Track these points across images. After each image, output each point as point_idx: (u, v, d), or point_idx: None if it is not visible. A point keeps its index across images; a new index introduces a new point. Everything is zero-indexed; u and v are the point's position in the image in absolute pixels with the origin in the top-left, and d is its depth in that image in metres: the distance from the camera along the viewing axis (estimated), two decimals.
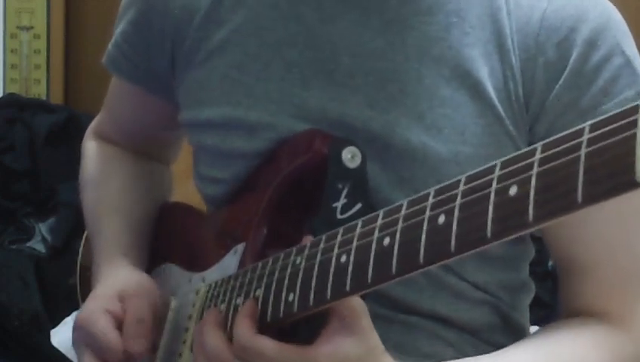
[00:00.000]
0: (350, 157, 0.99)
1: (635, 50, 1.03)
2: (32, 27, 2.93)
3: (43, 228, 2.63)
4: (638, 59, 1.02)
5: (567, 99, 1.00)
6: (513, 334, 1.10)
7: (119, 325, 1.07)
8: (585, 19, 1.01)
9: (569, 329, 1.03)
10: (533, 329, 1.16)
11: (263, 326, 0.91)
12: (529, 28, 1.01)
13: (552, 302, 2.26)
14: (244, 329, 0.90)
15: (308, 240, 0.92)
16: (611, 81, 1.00)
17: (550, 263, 2.29)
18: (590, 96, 1.00)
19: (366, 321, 0.88)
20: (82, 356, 1.09)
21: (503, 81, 1.01)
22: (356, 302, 0.87)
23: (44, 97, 2.92)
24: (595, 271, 1.03)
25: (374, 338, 0.89)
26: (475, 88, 1.01)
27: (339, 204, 0.98)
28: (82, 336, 1.09)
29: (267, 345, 0.88)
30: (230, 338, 0.93)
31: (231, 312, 0.97)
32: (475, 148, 1.00)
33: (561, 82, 1.00)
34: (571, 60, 1.00)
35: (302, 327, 0.92)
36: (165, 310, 1.14)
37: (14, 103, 2.81)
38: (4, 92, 2.91)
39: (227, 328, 0.97)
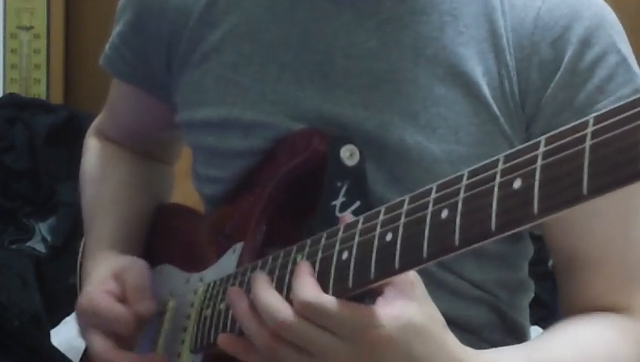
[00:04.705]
0: (349, 155, 1.00)
1: (630, 48, 1.03)
2: (32, 27, 2.93)
3: (43, 228, 2.64)
4: (632, 57, 1.02)
5: (563, 98, 1.00)
6: (512, 333, 1.10)
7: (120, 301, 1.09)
8: (579, 17, 1.01)
9: (595, 321, 1.02)
10: (534, 329, 1.16)
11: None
12: (524, 27, 1.01)
13: (552, 302, 2.26)
14: (309, 285, 0.86)
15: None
16: (607, 79, 1.00)
17: (550, 263, 2.28)
18: (586, 95, 1.00)
19: (422, 290, 0.87)
20: (92, 339, 1.09)
21: (498, 80, 1.02)
22: (410, 273, 0.85)
23: (44, 97, 2.92)
24: (603, 266, 1.03)
25: (435, 309, 0.88)
26: (469, 87, 1.02)
27: (337, 202, 0.98)
28: (87, 319, 1.10)
29: (333, 301, 0.84)
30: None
31: (230, 312, 0.97)
32: (469, 147, 1.01)
33: (556, 81, 1.00)
34: (566, 59, 1.00)
35: None
36: (163, 310, 1.15)
37: (14, 103, 2.81)
38: (4, 92, 2.91)
39: (226, 326, 0.98)
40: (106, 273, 1.12)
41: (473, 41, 1.02)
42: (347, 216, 0.90)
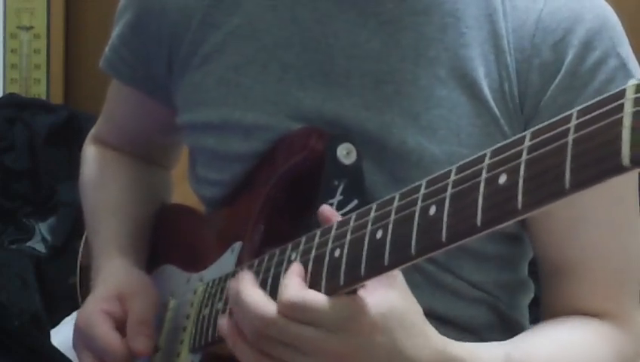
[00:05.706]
0: (346, 153, 1.00)
1: (631, 51, 1.03)
2: (32, 27, 2.93)
3: (43, 228, 2.64)
4: (633, 61, 1.02)
5: (562, 101, 1.00)
6: (512, 333, 1.09)
7: (119, 326, 1.08)
8: (581, 20, 1.01)
9: (577, 325, 1.02)
10: None
11: None
12: (525, 29, 1.01)
13: None
14: (291, 285, 0.86)
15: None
16: (606, 83, 1.00)
17: None
18: (585, 98, 0.99)
19: (402, 280, 0.87)
20: (83, 359, 1.09)
21: (499, 81, 1.02)
22: None
23: (44, 97, 2.92)
24: (590, 272, 1.03)
25: (414, 299, 0.88)
26: (471, 89, 1.02)
27: (335, 201, 0.98)
28: (82, 339, 1.10)
29: (315, 296, 0.85)
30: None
31: (227, 310, 0.98)
32: (470, 149, 1.00)
33: (556, 83, 1.00)
34: (567, 62, 1.00)
35: None
36: (164, 310, 1.15)
37: (14, 103, 2.81)
38: (4, 92, 2.91)
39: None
40: (111, 289, 1.12)
41: (475, 43, 1.02)
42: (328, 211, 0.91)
